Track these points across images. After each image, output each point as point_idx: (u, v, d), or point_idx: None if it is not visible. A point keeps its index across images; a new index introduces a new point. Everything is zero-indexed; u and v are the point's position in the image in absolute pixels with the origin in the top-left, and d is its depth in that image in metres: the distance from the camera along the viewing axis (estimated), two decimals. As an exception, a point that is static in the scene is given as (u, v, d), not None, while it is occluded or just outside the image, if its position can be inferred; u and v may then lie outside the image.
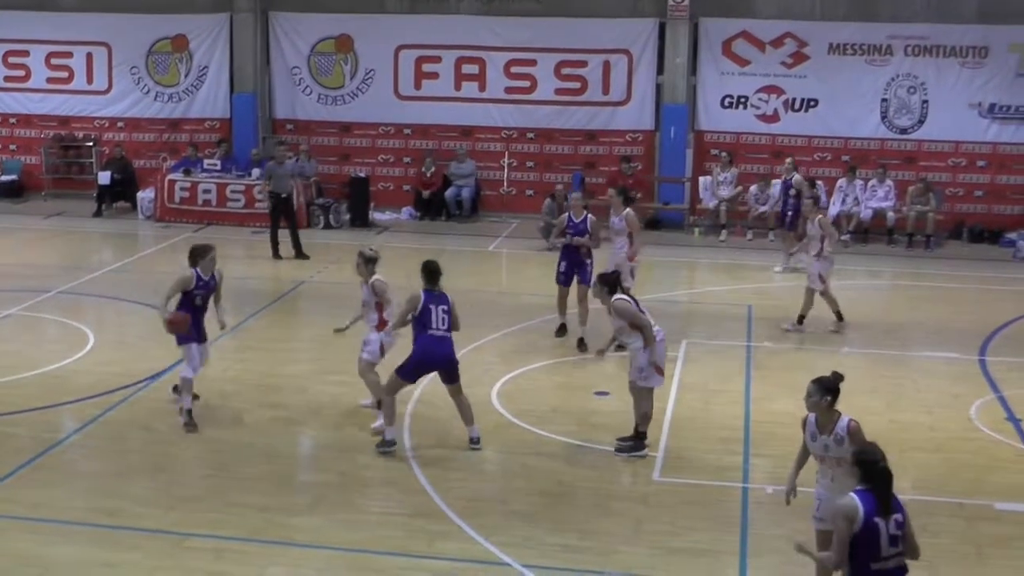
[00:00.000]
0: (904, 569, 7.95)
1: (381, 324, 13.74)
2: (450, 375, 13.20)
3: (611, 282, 13.34)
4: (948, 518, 11.79)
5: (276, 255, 22.95)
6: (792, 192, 23.26)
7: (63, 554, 10.65)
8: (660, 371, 13.23)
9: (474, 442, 13.27)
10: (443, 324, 12.95)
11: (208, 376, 15.69)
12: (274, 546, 10.85)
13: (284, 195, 23.18)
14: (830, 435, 9.48)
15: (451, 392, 13.32)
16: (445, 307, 13.00)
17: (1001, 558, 10.95)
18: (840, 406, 14.86)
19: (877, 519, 7.74)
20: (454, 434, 13.67)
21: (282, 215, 23.18)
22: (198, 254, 13.91)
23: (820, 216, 18.61)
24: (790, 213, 23.02)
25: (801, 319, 18.35)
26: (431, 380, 15.44)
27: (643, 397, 13.23)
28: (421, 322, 12.95)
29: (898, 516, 7.86)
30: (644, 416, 13.21)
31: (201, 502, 11.83)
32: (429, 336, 12.92)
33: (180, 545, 10.82)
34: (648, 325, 13.01)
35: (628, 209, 17.54)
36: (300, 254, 22.98)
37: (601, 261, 17.47)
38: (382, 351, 13.76)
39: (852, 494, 7.87)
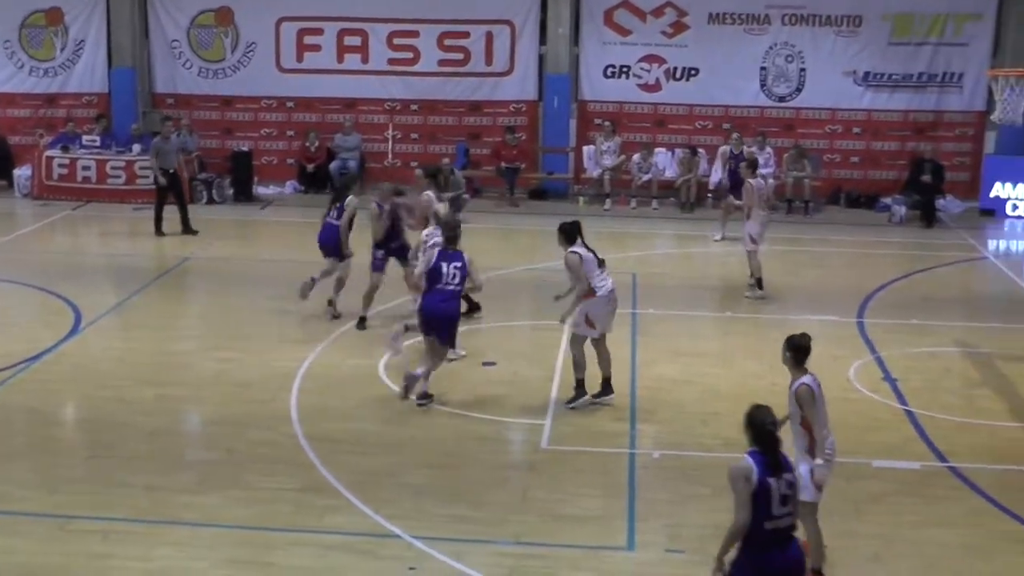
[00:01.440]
0: (795, 527, 8.14)
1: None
2: (446, 334, 13.80)
3: (568, 231, 13.55)
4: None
5: (159, 231, 22.61)
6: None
7: (-55, 541, 10.47)
8: (592, 324, 13.55)
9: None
10: (453, 280, 13.55)
11: (91, 355, 15.55)
12: (161, 526, 10.74)
13: (172, 170, 22.87)
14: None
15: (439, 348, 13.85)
16: (458, 264, 13.59)
17: (878, 513, 11.27)
18: (723, 370, 15.25)
19: (770, 479, 7.92)
20: (342, 408, 13.69)
21: (170, 191, 22.85)
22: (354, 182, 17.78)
23: (750, 180, 18.69)
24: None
25: (759, 282, 18.67)
26: (316, 356, 15.46)
27: (573, 343, 13.76)
28: (431, 278, 13.62)
29: (789, 476, 8.07)
30: (575, 364, 13.66)
31: (85, 484, 11.68)
32: (435, 292, 13.56)
33: (65, 528, 10.68)
34: (584, 282, 13.37)
35: (426, 192, 16.49)
36: (188, 230, 22.70)
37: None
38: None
39: (746, 455, 8.06)
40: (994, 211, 25.86)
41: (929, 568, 10.29)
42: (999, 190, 25.91)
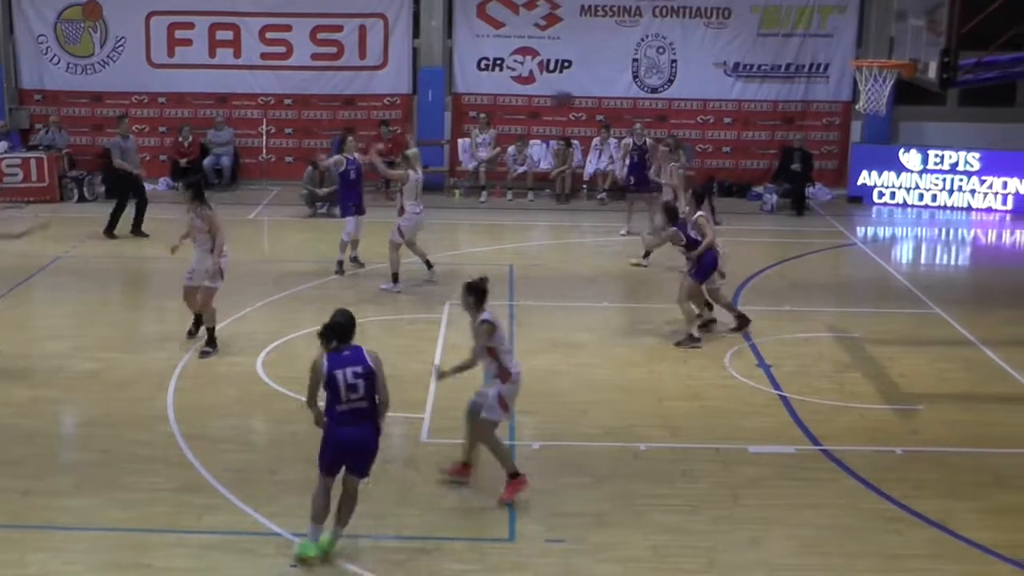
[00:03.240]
0: (370, 410, 10.03)
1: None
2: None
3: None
4: (707, 463, 12.27)
5: (111, 234, 22.14)
6: (648, 155, 22.98)
7: None
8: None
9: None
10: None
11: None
12: (37, 531, 10.56)
13: (136, 171, 22.61)
14: None
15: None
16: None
17: (755, 498, 11.47)
18: (601, 359, 15.36)
19: (336, 371, 9.79)
20: (219, 406, 13.57)
21: (129, 191, 22.47)
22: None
23: (674, 163, 19.95)
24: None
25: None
26: (192, 354, 15.29)
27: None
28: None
29: (356, 368, 9.87)
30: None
31: (-43, 489, 11.45)
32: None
33: (-63, 535, 10.47)
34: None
35: (204, 207, 15.37)
36: (139, 232, 22.26)
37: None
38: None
39: (323, 351, 9.89)
40: (861, 198, 26.45)
41: (806, 549, 10.51)
42: (866, 178, 26.49)
